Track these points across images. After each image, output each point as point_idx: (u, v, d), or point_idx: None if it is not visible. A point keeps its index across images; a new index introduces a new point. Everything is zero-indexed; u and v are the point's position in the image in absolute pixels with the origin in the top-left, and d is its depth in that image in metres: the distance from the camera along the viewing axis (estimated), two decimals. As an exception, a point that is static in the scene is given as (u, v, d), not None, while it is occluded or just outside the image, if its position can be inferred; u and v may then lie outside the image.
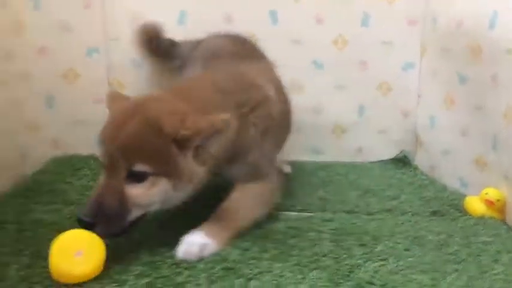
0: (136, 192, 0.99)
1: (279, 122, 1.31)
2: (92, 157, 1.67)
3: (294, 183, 1.57)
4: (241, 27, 1.64)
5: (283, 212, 1.31)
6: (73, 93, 1.67)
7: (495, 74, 1.34)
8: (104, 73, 1.69)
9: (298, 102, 1.73)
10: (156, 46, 1.59)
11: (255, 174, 1.21)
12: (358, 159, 1.86)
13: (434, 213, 1.37)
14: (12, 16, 1.52)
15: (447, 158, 1.61)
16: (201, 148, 1.04)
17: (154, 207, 1.04)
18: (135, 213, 1.00)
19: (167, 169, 1.00)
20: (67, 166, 1.57)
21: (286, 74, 1.64)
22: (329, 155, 1.85)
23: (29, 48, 1.59)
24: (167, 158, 1.00)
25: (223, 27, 1.63)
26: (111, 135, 1.01)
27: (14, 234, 1.07)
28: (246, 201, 1.18)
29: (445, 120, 1.62)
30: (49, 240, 1.02)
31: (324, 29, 1.73)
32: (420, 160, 1.80)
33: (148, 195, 1.00)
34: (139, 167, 0.98)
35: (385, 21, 1.72)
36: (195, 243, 1.04)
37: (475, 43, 1.41)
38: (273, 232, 1.17)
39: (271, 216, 1.25)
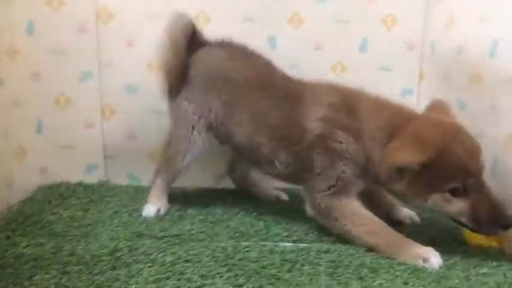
0: None
1: None
2: (81, 184, 1.64)
3: (290, 211, 1.52)
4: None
5: (279, 243, 1.26)
6: (64, 119, 1.63)
7: (495, 102, 1.31)
8: (97, 98, 1.66)
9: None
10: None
11: None
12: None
13: (431, 242, 1.32)
14: (5, 41, 1.49)
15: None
16: None
17: None
18: None
19: None
20: (55, 195, 1.53)
21: None
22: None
23: (21, 73, 1.56)
24: None
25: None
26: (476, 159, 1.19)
27: (-5, 270, 1.02)
28: None
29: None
30: (31, 278, 0.98)
31: (323, 54, 1.71)
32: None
33: None
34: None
35: (384, 47, 1.70)
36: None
37: (475, 70, 1.39)
38: (267, 266, 1.12)
39: (266, 247, 1.21)
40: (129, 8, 1.63)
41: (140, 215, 1.43)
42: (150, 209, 1.44)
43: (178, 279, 1.03)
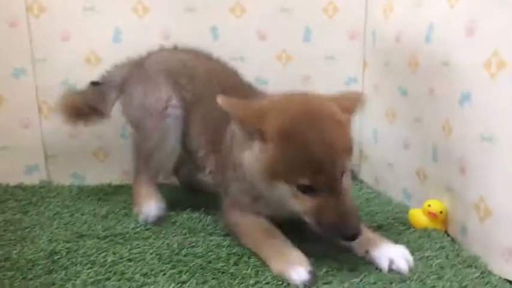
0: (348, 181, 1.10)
1: None
2: (20, 186, 1.56)
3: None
4: (181, 43, 1.57)
5: (227, 237, 1.24)
6: (-1, 118, 1.55)
7: (432, 87, 1.34)
8: (33, 96, 1.58)
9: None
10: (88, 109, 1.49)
11: None
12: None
13: (379, 227, 1.35)
14: None
15: (391, 171, 1.61)
16: None
17: None
18: None
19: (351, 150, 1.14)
20: (-7, 198, 1.45)
21: None
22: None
23: None
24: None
25: (161, 44, 1.56)
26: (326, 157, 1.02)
27: None
28: None
29: (387, 133, 1.62)
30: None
31: (267, 45, 1.69)
32: (365, 173, 1.80)
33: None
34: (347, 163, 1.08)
35: (327, 36, 1.71)
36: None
37: (412, 57, 1.41)
38: (213, 261, 1.10)
39: (214, 242, 1.19)
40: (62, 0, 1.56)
41: (82, 214, 1.37)
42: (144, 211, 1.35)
43: (119, 280, 1.00)
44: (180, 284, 0.99)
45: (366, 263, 1.11)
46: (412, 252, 1.14)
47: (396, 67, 1.53)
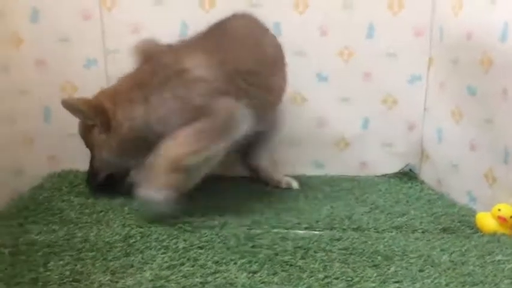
0: None
1: None
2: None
3: (300, 199, 1.52)
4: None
5: (290, 231, 1.26)
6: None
7: (506, 87, 1.30)
8: (104, 85, 1.64)
9: (301, 114, 1.72)
10: None
11: None
12: (362, 173, 1.82)
13: (444, 230, 1.33)
14: (10, 28, 1.47)
15: (455, 173, 1.57)
16: None
17: None
18: None
19: None
20: (64, 183, 1.52)
21: (289, 86, 1.64)
22: (332, 169, 1.81)
23: (26, 60, 1.54)
24: None
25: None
26: None
27: (9, 258, 1.01)
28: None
29: (453, 134, 1.58)
30: (45, 264, 0.98)
31: (329, 40, 1.69)
32: (426, 174, 1.77)
33: None
34: None
35: (391, 33, 1.69)
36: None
37: (485, 55, 1.38)
38: (280, 253, 1.11)
39: (278, 235, 1.21)
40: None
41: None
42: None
43: (192, 266, 1.03)
44: (251, 274, 1.01)
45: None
46: (483, 257, 1.13)
47: (465, 65, 1.49)
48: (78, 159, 1.65)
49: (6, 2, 1.46)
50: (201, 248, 1.12)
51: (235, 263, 1.05)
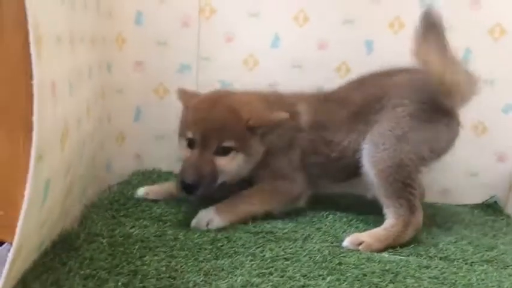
0: (223, 162, 1.30)
1: (309, 136, 1.44)
2: (171, 173, 1.67)
3: (381, 220, 1.48)
4: (336, 55, 1.66)
5: (375, 253, 1.23)
6: (161, 109, 1.68)
7: None
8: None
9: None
10: None
11: (275, 175, 1.41)
12: (443, 200, 1.75)
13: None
14: (115, 29, 1.56)
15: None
16: (265, 134, 1.35)
17: (231, 176, 1.34)
18: (221, 179, 1.31)
19: (244, 146, 1.32)
20: (149, 181, 1.57)
21: None
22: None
23: (127, 62, 1.61)
24: (244, 138, 1.31)
25: (317, 55, 1.65)
26: (204, 118, 1.31)
27: (108, 248, 1.06)
28: (259, 193, 1.38)
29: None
30: (141, 258, 1.01)
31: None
32: (513, 208, 1.68)
33: (232, 164, 1.31)
34: (227, 143, 1.30)
35: (488, 59, 1.63)
36: (204, 217, 1.27)
37: None
38: (368, 274, 1.09)
39: (363, 255, 1.19)
40: (231, 4, 1.65)
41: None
42: None
43: (281, 276, 1.03)
44: (342, 292, 0.99)
45: None
46: None
47: None
48: (161, 159, 1.71)
49: (113, 4, 1.53)
50: (287, 259, 1.12)
51: (323, 279, 1.04)
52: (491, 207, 1.72)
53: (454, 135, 1.42)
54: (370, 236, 1.28)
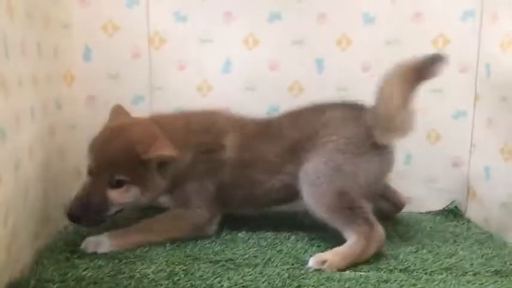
0: (115, 194, 1.30)
1: (232, 172, 1.44)
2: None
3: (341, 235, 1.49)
4: (288, 75, 1.68)
5: (336, 271, 1.23)
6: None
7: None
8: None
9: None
10: None
11: (180, 202, 1.42)
12: (405, 209, 1.77)
13: (497, 273, 1.27)
14: (63, 67, 1.55)
15: (504, 211, 1.51)
16: (163, 167, 1.34)
17: (128, 207, 1.35)
18: (112, 210, 1.31)
19: (139, 179, 1.31)
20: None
21: None
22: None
23: (77, 98, 1.60)
24: (138, 171, 1.31)
25: (269, 76, 1.67)
26: (100, 148, 1.33)
27: (58, 294, 1.03)
28: (159, 221, 1.40)
29: (502, 172, 1.53)
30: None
31: (370, 76, 1.68)
32: (473, 212, 1.71)
33: (125, 197, 1.31)
34: (119, 177, 1.29)
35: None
36: (94, 240, 1.29)
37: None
38: (327, 295, 1.09)
39: (322, 275, 1.19)
40: (180, 32, 1.66)
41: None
42: None
43: (238, 306, 1.02)
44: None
45: None
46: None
47: (514, 102, 1.45)
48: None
49: (58, 42, 1.52)
50: (245, 287, 1.11)
51: (281, 305, 1.03)
52: (452, 213, 1.75)
53: (388, 163, 1.45)
54: (333, 254, 1.28)
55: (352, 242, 1.30)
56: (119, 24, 1.62)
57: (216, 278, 1.15)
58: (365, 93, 1.67)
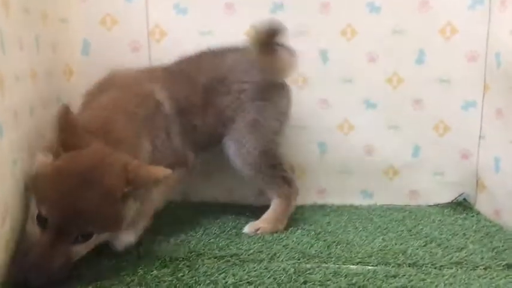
0: (81, 249, 1.05)
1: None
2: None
3: (349, 230, 1.46)
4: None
5: (342, 266, 1.21)
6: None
7: None
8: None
9: (349, 141, 1.66)
10: None
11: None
12: (413, 202, 1.75)
13: (508, 266, 1.24)
14: (62, 61, 1.52)
15: (516, 203, 1.48)
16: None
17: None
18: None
19: (111, 224, 1.07)
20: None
21: (337, 113, 1.67)
22: (381, 198, 1.75)
23: (77, 93, 1.58)
24: (113, 215, 1.06)
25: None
26: (70, 202, 1.00)
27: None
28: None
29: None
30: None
31: (377, 67, 1.66)
32: (482, 204, 1.67)
33: (90, 247, 1.07)
34: (89, 230, 1.04)
35: (443, 58, 1.64)
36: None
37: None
38: (334, 290, 1.06)
39: (329, 270, 1.16)
40: (181, 25, 1.63)
41: (196, 232, 1.41)
42: None
43: (243, 303, 1.00)
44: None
45: None
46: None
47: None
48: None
49: (57, 36, 1.50)
50: (250, 283, 1.09)
51: (285, 300, 1.01)
52: (461, 205, 1.72)
53: (290, 98, 1.53)
54: (263, 221, 1.43)
55: (275, 205, 1.45)
56: (117, 18, 1.60)
57: (221, 273, 1.13)
58: (371, 85, 1.67)
